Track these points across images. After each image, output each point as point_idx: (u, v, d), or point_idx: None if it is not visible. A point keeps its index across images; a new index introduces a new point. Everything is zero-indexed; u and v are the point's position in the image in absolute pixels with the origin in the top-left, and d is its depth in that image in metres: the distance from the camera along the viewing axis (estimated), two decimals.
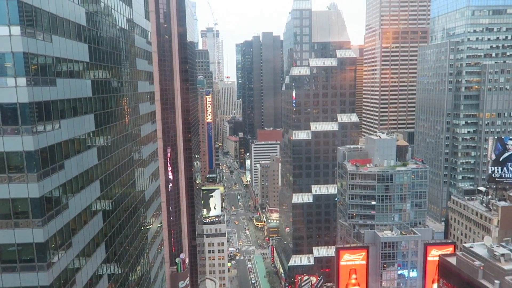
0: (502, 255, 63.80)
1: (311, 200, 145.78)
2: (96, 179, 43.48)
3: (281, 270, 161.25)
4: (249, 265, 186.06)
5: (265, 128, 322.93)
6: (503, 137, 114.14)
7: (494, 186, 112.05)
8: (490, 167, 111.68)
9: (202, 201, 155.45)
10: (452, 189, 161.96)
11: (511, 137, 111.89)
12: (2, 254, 32.55)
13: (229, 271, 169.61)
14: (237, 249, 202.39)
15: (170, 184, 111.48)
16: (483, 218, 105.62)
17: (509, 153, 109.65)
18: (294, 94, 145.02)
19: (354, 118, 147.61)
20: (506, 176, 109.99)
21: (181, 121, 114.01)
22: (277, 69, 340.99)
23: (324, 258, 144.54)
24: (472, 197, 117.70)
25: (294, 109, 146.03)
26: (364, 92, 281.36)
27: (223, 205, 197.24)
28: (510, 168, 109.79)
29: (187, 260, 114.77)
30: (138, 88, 61.65)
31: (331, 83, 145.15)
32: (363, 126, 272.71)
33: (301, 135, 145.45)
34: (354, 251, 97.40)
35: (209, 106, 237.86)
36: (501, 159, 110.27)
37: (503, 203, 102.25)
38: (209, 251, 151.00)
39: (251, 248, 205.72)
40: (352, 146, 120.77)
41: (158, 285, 71.77)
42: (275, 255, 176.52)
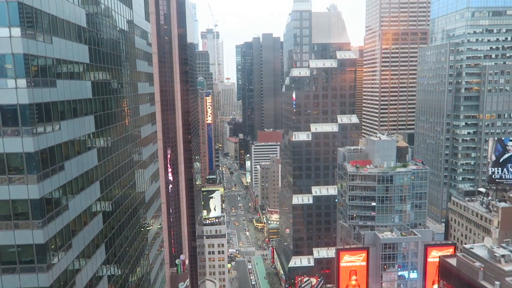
0: (503, 256, 63.75)
1: (311, 201, 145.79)
2: (96, 181, 43.50)
3: (281, 271, 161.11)
4: (249, 266, 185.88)
5: (265, 129, 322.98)
6: (503, 138, 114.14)
7: (494, 187, 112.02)
8: (490, 168, 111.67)
9: (202, 202, 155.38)
10: (452, 190, 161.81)
11: (511, 138, 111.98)
12: (2, 256, 32.54)
13: (229, 272, 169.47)
14: (237, 250, 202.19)
15: (170, 185, 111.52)
16: (483, 219, 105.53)
17: (509, 154, 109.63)
18: (294, 95, 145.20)
19: (354, 119, 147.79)
20: (506, 177, 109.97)
21: (181, 123, 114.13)
22: (277, 71, 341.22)
23: (324, 259, 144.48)
24: (472, 198, 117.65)
25: (294, 110, 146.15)
26: (364, 93, 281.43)
27: (223, 206, 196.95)
28: (510, 169, 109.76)
29: (187, 262, 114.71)
30: (138, 90, 61.70)
31: (331, 84, 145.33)
32: (363, 127, 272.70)
33: (301, 136, 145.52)
34: (354, 252, 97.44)
35: (209, 108, 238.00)
36: (501, 160, 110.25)
37: (503, 204, 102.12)
38: (209, 253, 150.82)
39: (251, 249, 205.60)
40: (352, 147, 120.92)
41: (158, 287, 71.71)
42: (275, 256, 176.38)
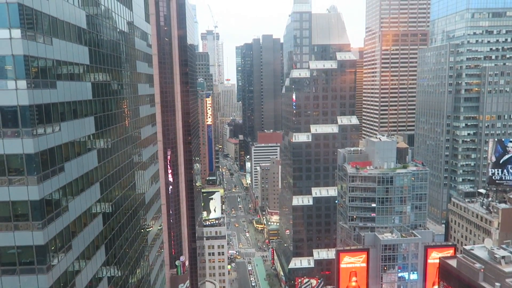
0: (503, 258, 63.73)
1: (311, 203, 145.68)
2: (96, 182, 43.50)
3: (281, 273, 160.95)
4: (249, 268, 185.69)
5: (265, 131, 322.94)
6: (503, 139, 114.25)
7: (495, 188, 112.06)
8: (490, 169, 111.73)
9: (202, 204, 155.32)
10: (453, 191, 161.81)
11: (511, 139, 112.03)
12: (2, 257, 32.52)
13: (229, 274, 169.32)
14: (237, 252, 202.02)
15: (170, 187, 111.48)
16: (484, 221, 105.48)
17: (509, 155, 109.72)
18: (294, 97, 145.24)
19: (354, 121, 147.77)
20: (506, 178, 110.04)
21: (181, 124, 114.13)
22: (277, 72, 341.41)
23: (324, 261, 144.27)
24: (473, 199, 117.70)
25: (294, 112, 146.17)
26: (364, 95, 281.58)
27: (223, 208, 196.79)
28: (510, 170, 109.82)
29: (187, 263, 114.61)
30: (138, 91, 61.73)
31: (331, 86, 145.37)
32: (363, 129, 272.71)
33: (301, 138, 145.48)
34: (355, 254, 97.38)
35: (209, 109, 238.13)
36: (501, 161, 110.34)
37: (504, 205, 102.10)
38: (209, 254, 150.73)
39: (251, 251, 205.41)
40: (352, 149, 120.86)
41: None
42: (275, 258, 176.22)
